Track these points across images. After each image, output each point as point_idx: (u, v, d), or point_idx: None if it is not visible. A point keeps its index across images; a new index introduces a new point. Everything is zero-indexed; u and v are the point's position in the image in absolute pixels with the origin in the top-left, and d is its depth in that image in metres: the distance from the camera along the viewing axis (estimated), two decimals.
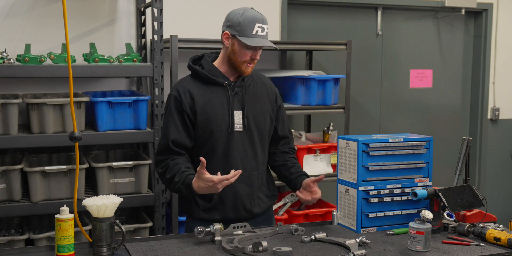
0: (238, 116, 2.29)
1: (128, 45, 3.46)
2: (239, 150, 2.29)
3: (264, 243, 1.90)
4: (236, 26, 2.21)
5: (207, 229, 2.06)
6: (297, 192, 2.28)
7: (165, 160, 2.26)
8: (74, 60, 3.15)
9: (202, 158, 2.06)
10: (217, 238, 2.06)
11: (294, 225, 2.24)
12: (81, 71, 3.00)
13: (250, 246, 1.92)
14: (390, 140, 2.28)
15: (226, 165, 2.27)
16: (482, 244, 2.09)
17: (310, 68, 4.08)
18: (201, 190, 2.11)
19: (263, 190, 2.40)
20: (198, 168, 2.07)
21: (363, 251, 1.92)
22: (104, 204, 1.94)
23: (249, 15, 2.21)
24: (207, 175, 2.06)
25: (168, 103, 2.33)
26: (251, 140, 2.32)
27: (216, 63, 2.34)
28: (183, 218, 3.22)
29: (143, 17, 3.55)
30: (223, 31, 2.27)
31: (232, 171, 2.07)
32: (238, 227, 2.17)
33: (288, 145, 2.50)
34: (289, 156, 2.48)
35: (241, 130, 2.30)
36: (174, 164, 2.23)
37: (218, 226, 2.08)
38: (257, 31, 2.20)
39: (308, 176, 2.35)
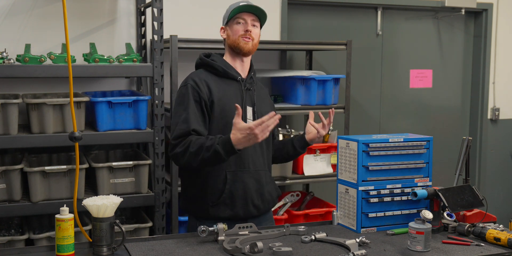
0: (249, 112, 2.32)
1: (128, 45, 3.46)
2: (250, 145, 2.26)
3: (259, 244, 1.88)
4: (225, 15, 2.35)
5: (210, 229, 2.06)
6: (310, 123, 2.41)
7: (184, 139, 2.18)
8: (74, 60, 3.15)
9: (237, 105, 2.02)
10: (221, 237, 2.06)
11: (302, 227, 2.22)
12: (81, 71, 2.99)
13: (248, 246, 1.92)
14: (390, 140, 2.28)
15: (237, 159, 2.28)
16: (482, 244, 2.09)
17: (310, 68, 4.08)
18: (239, 142, 2.04)
19: (272, 188, 2.44)
20: (233, 119, 2.03)
21: (363, 251, 1.92)
22: (104, 204, 1.94)
23: (234, 1, 2.38)
24: (243, 124, 2.02)
25: (183, 93, 2.27)
26: None
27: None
28: (183, 218, 3.22)
29: (143, 17, 3.55)
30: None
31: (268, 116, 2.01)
32: (243, 227, 2.16)
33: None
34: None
35: None
36: (197, 138, 2.16)
37: (221, 225, 2.07)
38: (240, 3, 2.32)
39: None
